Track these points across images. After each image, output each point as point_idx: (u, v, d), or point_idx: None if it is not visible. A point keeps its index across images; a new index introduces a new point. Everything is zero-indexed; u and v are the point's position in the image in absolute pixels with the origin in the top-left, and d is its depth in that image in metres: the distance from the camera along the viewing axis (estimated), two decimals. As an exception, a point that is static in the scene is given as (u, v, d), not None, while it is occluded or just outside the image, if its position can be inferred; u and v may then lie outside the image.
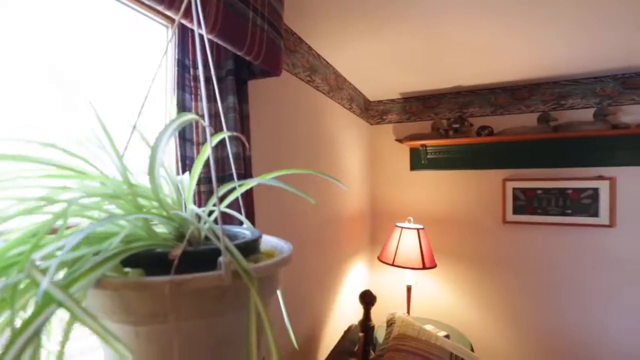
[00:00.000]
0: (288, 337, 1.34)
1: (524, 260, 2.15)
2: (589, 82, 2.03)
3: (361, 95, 2.38)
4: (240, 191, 0.49)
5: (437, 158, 2.37)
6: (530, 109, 2.16)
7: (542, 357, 2.10)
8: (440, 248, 2.33)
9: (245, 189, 0.51)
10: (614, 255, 1.96)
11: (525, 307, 2.14)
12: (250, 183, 0.49)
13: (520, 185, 2.14)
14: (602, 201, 1.97)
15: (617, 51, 1.68)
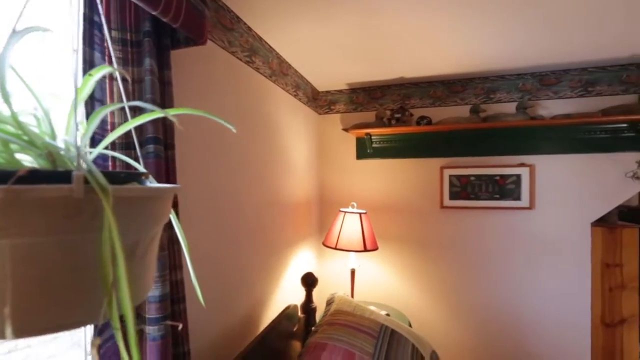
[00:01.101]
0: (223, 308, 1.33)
1: (458, 241, 2.30)
2: (513, 78, 2.23)
3: (309, 84, 2.40)
4: (129, 125, 0.48)
5: (382, 147, 2.46)
6: (464, 101, 2.33)
7: (475, 329, 2.27)
8: (384, 233, 2.42)
9: (136, 124, 0.49)
10: (534, 233, 2.17)
11: (460, 285, 2.30)
12: (148, 115, 0.47)
13: (456, 172, 2.29)
14: (523, 186, 2.17)
15: (535, 51, 1.86)
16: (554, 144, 2.13)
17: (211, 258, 1.28)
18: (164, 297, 0.79)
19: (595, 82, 2.10)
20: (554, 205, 2.14)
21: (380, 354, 1.15)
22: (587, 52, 1.88)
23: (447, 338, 2.31)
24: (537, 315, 2.17)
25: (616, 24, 1.57)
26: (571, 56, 1.94)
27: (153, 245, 0.45)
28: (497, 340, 2.23)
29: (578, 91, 2.13)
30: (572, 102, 2.14)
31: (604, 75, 2.08)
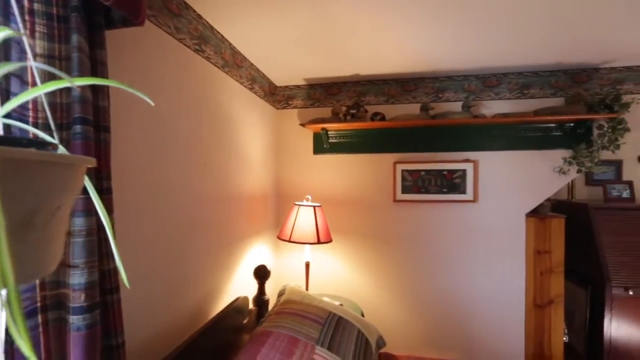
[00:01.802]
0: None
1: (410, 233, 2.41)
2: (459, 79, 2.38)
3: (265, 78, 2.39)
4: (33, 93, 0.45)
5: (338, 142, 2.51)
6: (416, 99, 2.44)
7: (424, 316, 2.39)
8: (340, 226, 2.48)
9: (41, 92, 0.46)
10: (477, 224, 2.33)
11: (411, 274, 2.41)
12: (55, 84, 0.45)
13: (408, 167, 2.40)
14: (468, 180, 2.32)
15: (478, 54, 2.00)
16: (494, 141, 2.30)
17: (157, 249, 1.23)
18: (91, 285, 0.75)
19: (530, 85, 2.29)
20: (494, 198, 2.31)
21: (326, 338, 1.18)
22: (522, 58, 2.05)
23: (399, 325, 2.41)
24: (479, 299, 2.33)
25: (543, 35, 1.73)
26: (509, 61, 2.10)
27: (59, 217, 0.43)
28: (443, 324, 2.36)
29: (515, 93, 2.31)
30: (510, 102, 2.32)
31: (536, 80, 2.28)
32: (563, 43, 1.84)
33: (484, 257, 2.32)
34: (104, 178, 0.89)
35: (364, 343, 1.30)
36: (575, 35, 1.75)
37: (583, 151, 2.12)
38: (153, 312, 1.20)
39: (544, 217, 2.30)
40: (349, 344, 1.22)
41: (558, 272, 2.29)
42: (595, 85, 2.21)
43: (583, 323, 2.67)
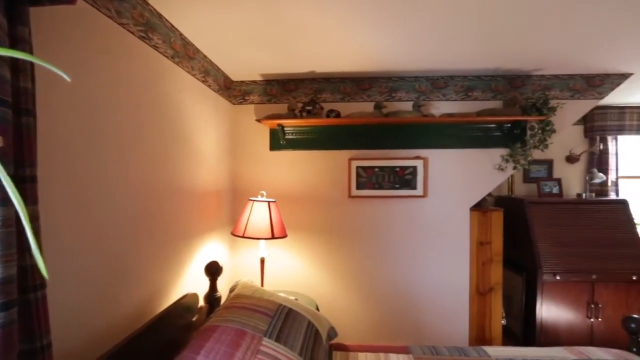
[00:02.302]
0: (103, 310, 1.21)
1: (364, 228, 2.48)
2: (410, 80, 2.49)
3: (220, 72, 2.33)
4: None
5: (295, 139, 2.52)
6: (370, 98, 2.51)
7: (377, 307, 2.47)
8: (296, 222, 2.49)
9: None
10: (427, 218, 2.46)
11: (365, 268, 2.48)
12: None
13: (362, 164, 2.47)
14: (419, 176, 2.44)
15: (428, 57, 2.10)
16: (443, 139, 2.44)
17: (92, 244, 1.16)
18: (6, 280, 0.69)
19: (473, 88, 2.46)
20: (442, 193, 2.45)
21: (274, 330, 1.18)
22: (466, 62, 2.19)
23: (354, 317, 2.48)
24: (428, 288, 2.46)
25: (483, 43, 1.87)
26: (455, 64, 2.24)
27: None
28: (396, 313, 2.47)
29: (460, 95, 2.47)
30: (456, 104, 2.48)
31: (479, 83, 2.45)
32: (500, 50, 1.99)
33: (433, 249, 2.46)
34: (26, 165, 0.82)
35: (314, 333, 1.33)
36: (510, 44, 1.90)
37: (518, 150, 2.32)
38: (89, 311, 1.13)
39: (485, 210, 2.48)
40: (298, 335, 1.23)
41: (497, 261, 2.48)
42: (528, 90, 2.43)
43: (520, 307, 2.93)
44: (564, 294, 2.72)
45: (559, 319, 2.72)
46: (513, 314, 3.02)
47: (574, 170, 3.46)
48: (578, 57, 2.09)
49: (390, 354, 1.49)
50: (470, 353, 1.54)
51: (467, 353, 1.54)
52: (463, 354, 1.54)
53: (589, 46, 1.94)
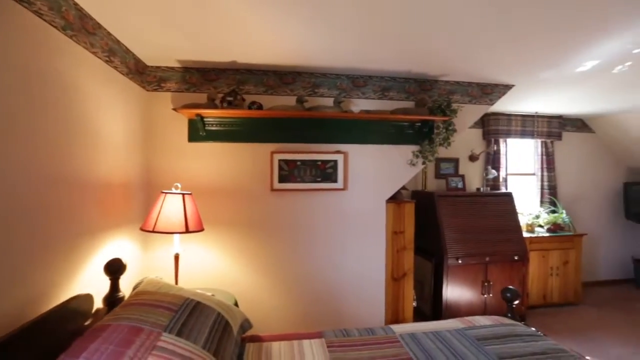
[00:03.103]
0: None
1: (287, 221, 2.50)
2: (332, 77, 2.58)
3: (130, 53, 2.13)
4: None
5: (215, 131, 2.42)
6: (294, 92, 2.54)
7: (300, 299, 2.51)
8: (217, 216, 2.40)
9: None
10: (347, 210, 2.57)
11: (288, 261, 2.50)
12: None
13: (285, 157, 2.48)
14: (339, 170, 2.54)
15: (349, 55, 2.19)
16: (362, 135, 2.58)
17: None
18: None
19: (389, 88, 2.65)
20: (361, 186, 2.59)
21: (176, 324, 1.12)
22: (382, 63, 2.34)
23: (277, 308, 2.48)
24: (348, 277, 2.58)
25: (397, 48, 2.01)
26: (373, 65, 2.38)
27: None
28: (318, 303, 2.53)
29: (378, 94, 2.64)
30: (374, 102, 2.64)
31: (394, 84, 2.65)
32: (411, 54, 2.17)
33: (352, 240, 2.58)
34: None
35: (223, 325, 1.29)
36: (419, 49, 2.09)
37: (427, 147, 2.57)
38: None
39: (400, 202, 2.69)
40: (204, 328, 1.19)
41: (409, 249, 2.71)
42: (435, 93, 2.70)
43: (430, 290, 3.24)
44: (465, 275, 3.09)
45: (460, 297, 3.08)
46: (425, 296, 3.33)
47: (475, 168, 3.95)
48: (473, 67, 2.39)
49: (304, 341, 1.53)
50: (378, 332, 1.66)
51: (375, 332, 1.65)
52: (371, 333, 1.65)
53: (480, 59, 2.23)
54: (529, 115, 3.98)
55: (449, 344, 1.52)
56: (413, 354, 1.44)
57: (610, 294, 4.07)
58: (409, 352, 1.45)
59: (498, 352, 1.45)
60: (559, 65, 2.30)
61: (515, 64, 2.32)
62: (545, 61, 2.25)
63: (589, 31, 1.79)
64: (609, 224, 4.41)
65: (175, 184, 2.06)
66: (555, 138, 4.11)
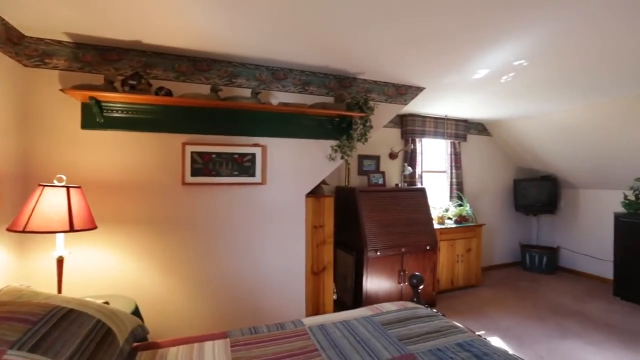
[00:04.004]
0: None
1: (201, 217, 2.34)
2: (252, 68, 2.48)
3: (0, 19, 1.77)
4: None
5: (117, 118, 2.15)
6: (209, 80, 2.38)
7: (218, 298, 2.37)
8: (116, 213, 2.13)
9: None
10: (266, 205, 2.50)
11: (202, 259, 2.34)
12: None
13: (198, 149, 2.31)
14: (257, 164, 2.46)
15: (268, 45, 2.13)
16: (281, 128, 2.53)
17: None
18: None
19: (310, 83, 2.65)
20: (280, 180, 2.54)
21: (31, 338, 0.93)
22: (302, 57, 2.32)
23: (191, 311, 2.30)
24: (268, 273, 2.51)
25: (316, 43, 2.01)
26: (292, 57, 2.34)
27: None
28: (236, 301, 2.42)
29: (298, 88, 2.63)
30: (295, 96, 2.61)
31: (314, 79, 2.66)
32: (328, 49, 2.19)
33: (271, 235, 2.53)
34: None
35: (102, 334, 1.12)
36: (337, 48, 2.13)
37: (345, 142, 2.63)
38: None
39: (319, 196, 2.72)
40: (73, 339, 1.01)
41: (329, 243, 2.75)
42: (354, 90, 2.79)
43: (351, 282, 3.35)
44: (383, 266, 3.26)
45: (379, 287, 3.24)
46: (348, 289, 3.43)
47: (395, 165, 4.21)
48: (386, 67, 2.51)
49: (206, 343, 1.42)
50: (288, 326, 1.63)
51: (285, 327, 1.62)
52: (281, 328, 1.61)
53: (394, 61, 2.35)
54: (440, 117, 4.38)
55: (355, 331, 1.56)
56: (319, 344, 1.44)
57: (503, 275, 4.69)
58: (316, 344, 1.44)
59: (398, 334, 1.53)
60: (459, 71, 2.55)
61: (423, 67, 2.51)
62: (446, 67, 2.47)
63: (476, 40, 2.00)
64: (502, 215, 5.08)
65: (58, 176, 1.76)
66: (462, 139, 4.59)
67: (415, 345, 1.43)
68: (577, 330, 3.03)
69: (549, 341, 2.82)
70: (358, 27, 1.86)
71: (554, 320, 3.22)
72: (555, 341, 2.82)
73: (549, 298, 3.82)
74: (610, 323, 3.19)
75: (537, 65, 2.39)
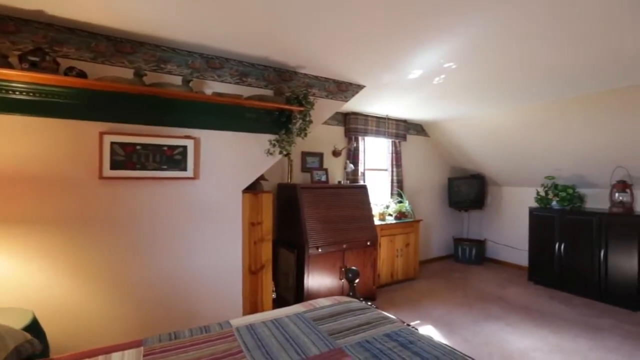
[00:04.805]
0: None
1: (123, 215, 2.11)
2: (184, 54, 2.31)
3: None
4: None
5: (14, 100, 1.84)
6: (133, 64, 2.16)
7: (144, 302, 2.16)
8: (14, 213, 1.83)
9: None
10: (199, 201, 2.34)
11: (125, 262, 2.11)
12: None
13: (120, 139, 2.08)
14: (189, 157, 2.29)
15: (202, 30, 1.98)
16: (216, 120, 2.39)
17: None
18: None
19: (248, 74, 2.54)
20: (215, 175, 2.40)
21: None
22: (238, 45, 2.21)
23: (109, 319, 2.06)
24: (201, 274, 2.36)
25: (253, 32, 1.92)
26: (228, 45, 2.22)
27: None
28: (165, 304, 2.23)
29: (235, 79, 2.50)
30: (231, 87, 2.49)
31: (253, 71, 2.56)
32: (267, 39, 2.12)
33: (205, 233, 2.37)
34: None
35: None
36: (276, 39, 2.06)
37: (284, 136, 2.57)
38: None
39: (257, 192, 2.62)
40: None
41: (267, 240, 2.67)
42: (295, 85, 2.74)
43: (293, 280, 3.29)
44: (324, 263, 3.26)
45: (321, 284, 3.23)
46: (290, 287, 3.37)
47: (338, 162, 4.25)
48: (327, 62, 2.50)
49: (113, 354, 1.26)
50: (214, 329, 1.52)
51: (210, 329, 1.51)
52: (206, 331, 1.50)
53: (333, 56, 2.35)
54: (382, 117, 4.53)
55: (285, 329, 1.51)
56: (245, 345, 1.36)
57: (438, 267, 5.00)
58: (241, 345, 1.36)
59: (329, 329, 1.51)
60: (395, 71, 2.63)
61: (361, 65, 2.54)
62: (383, 65, 2.53)
63: (408, 39, 2.07)
64: (438, 211, 5.42)
65: None
66: (402, 139, 4.80)
67: (345, 339, 1.42)
68: (498, 313, 3.32)
69: (475, 325, 3.05)
70: (297, 17, 1.82)
71: (479, 306, 3.50)
72: (480, 325, 3.05)
73: (477, 286, 4.15)
74: (524, 305, 3.55)
75: (464, 68, 2.56)
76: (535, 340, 2.77)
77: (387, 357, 1.27)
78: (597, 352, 2.59)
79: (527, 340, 2.77)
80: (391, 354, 1.29)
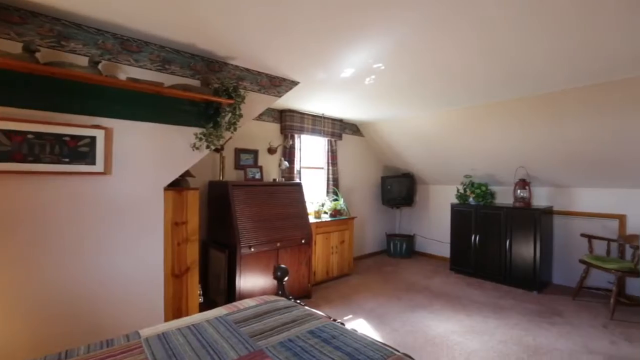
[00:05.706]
0: None
1: (10, 217, 1.78)
2: (92, 32, 2.03)
3: None
4: None
5: None
6: (22, 37, 1.83)
7: (44, 316, 1.84)
8: None
9: None
10: (111, 199, 2.08)
11: (15, 274, 1.78)
12: None
13: (5, 126, 1.75)
14: (98, 150, 2.02)
15: (114, 6, 1.75)
16: (133, 110, 2.15)
17: None
18: None
19: (171, 61, 2.34)
20: (131, 170, 2.16)
21: None
22: (160, 28, 2.01)
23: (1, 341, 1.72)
24: (115, 280, 2.10)
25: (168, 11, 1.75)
26: (148, 27, 2.01)
27: None
28: (70, 322, 1.93)
29: (156, 65, 2.28)
30: (152, 74, 2.26)
31: (178, 58, 2.36)
32: (196, 28, 1.96)
33: (120, 234, 2.12)
34: None
35: None
36: (204, 25, 1.91)
37: (212, 130, 2.41)
38: None
39: (181, 189, 2.43)
40: None
41: (193, 241, 2.49)
42: (225, 76, 2.60)
43: (225, 282, 3.14)
44: (257, 263, 3.16)
45: (254, 285, 3.13)
46: (220, 289, 3.20)
47: (274, 160, 4.17)
48: (258, 54, 2.42)
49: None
50: (119, 341, 1.35)
51: (114, 343, 1.34)
52: (109, 345, 1.32)
53: (263, 47, 2.27)
54: (318, 115, 4.56)
55: (203, 334, 1.40)
56: (153, 357, 1.23)
57: (372, 263, 5.21)
58: (149, 358, 1.23)
59: (251, 330, 1.44)
60: (327, 68, 2.65)
61: (292, 59, 2.50)
62: (314, 61, 2.53)
63: (337, 36, 2.09)
64: (372, 209, 5.65)
65: None
66: (338, 138, 4.89)
67: (267, 340, 1.36)
68: (423, 302, 3.56)
69: (403, 315, 3.22)
70: (225, 2, 1.70)
71: (408, 297, 3.71)
72: (407, 315, 3.24)
73: (406, 279, 4.41)
74: (445, 293, 3.86)
75: (390, 70, 2.68)
76: (453, 324, 3.03)
77: (308, 354, 1.25)
78: (501, 329, 2.92)
79: (446, 325, 3.01)
80: (312, 350, 1.27)
